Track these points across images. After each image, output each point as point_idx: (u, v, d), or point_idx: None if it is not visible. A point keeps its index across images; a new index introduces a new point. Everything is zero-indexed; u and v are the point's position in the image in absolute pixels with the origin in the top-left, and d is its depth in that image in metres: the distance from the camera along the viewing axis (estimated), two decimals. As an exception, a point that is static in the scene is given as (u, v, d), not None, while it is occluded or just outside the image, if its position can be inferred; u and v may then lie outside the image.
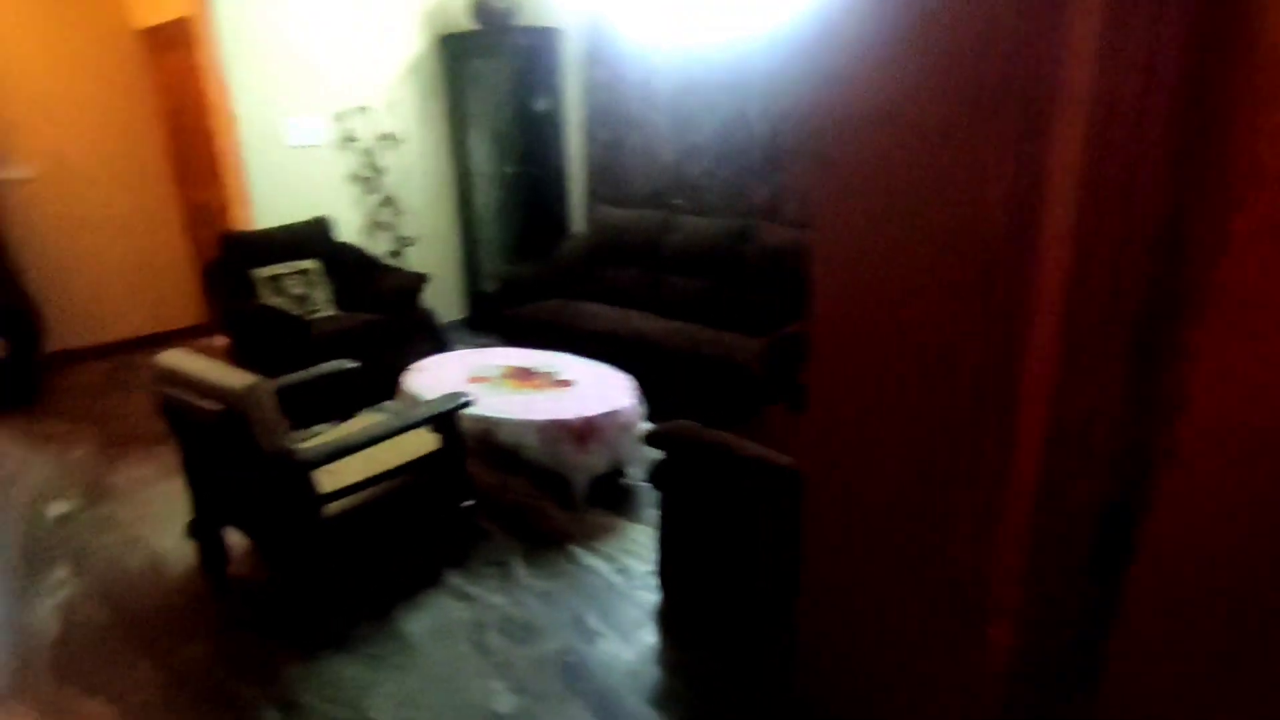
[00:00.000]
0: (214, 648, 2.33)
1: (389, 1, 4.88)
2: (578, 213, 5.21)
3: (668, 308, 4.15)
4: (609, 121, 4.75)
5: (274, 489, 2.20)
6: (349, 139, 4.84)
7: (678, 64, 4.27)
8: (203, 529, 2.62)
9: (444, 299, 5.38)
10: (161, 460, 3.55)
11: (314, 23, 4.57)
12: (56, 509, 3.19)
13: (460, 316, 5.67)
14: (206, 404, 2.10)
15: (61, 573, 2.74)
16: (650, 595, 2.48)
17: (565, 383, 3.20)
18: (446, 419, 2.52)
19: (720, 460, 2.04)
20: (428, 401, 2.63)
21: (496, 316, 4.68)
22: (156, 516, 3.08)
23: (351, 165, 4.91)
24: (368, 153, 4.95)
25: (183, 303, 5.67)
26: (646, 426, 3.15)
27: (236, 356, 4.20)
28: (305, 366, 3.73)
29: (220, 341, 5.06)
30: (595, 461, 2.95)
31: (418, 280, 4.49)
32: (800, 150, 3.83)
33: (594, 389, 3.13)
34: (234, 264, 4.21)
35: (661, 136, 4.48)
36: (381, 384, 3.86)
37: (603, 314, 4.15)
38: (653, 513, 2.93)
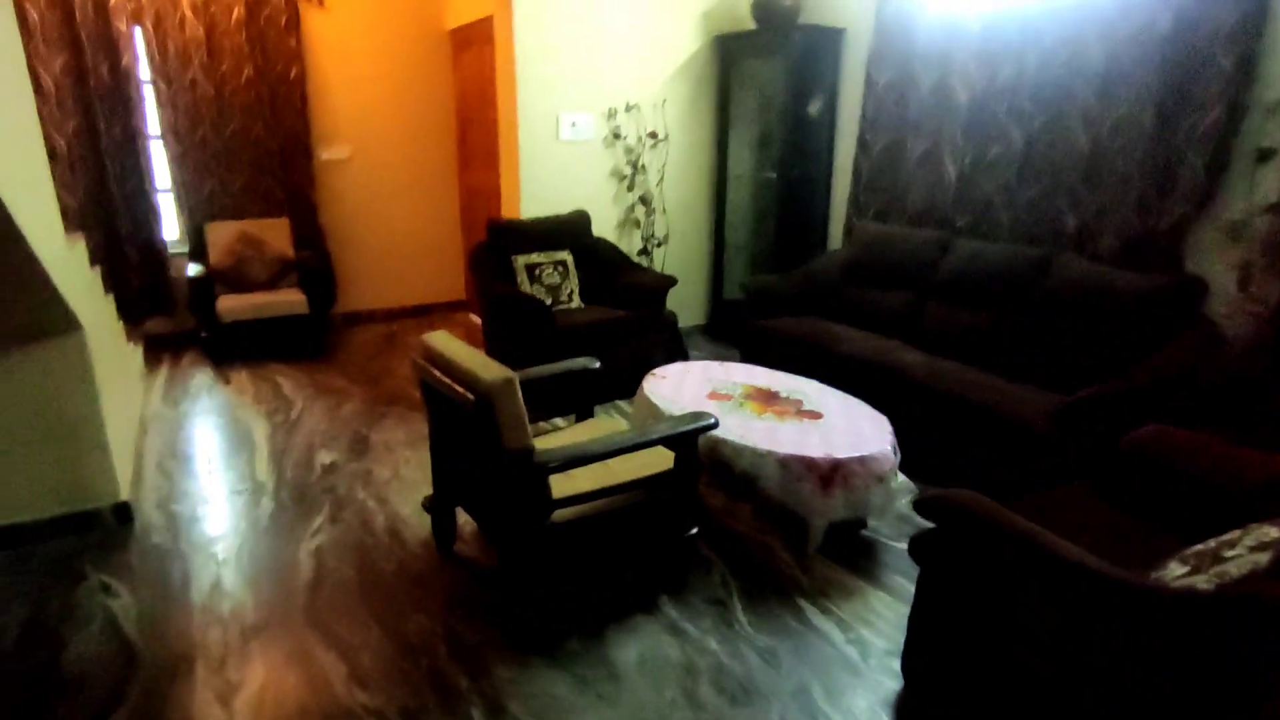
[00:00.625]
0: (439, 625, 2.36)
1: (672, 1, 4.85)
2: (838, 225, 4.85)
3: (934, 341, 3.68)
4: (887, 128, 4.34)
5: (509, 486, 2.16)
6: (615, 136, 4.89)
7: (983, 63, 3.77)
8: (438, 506, 2.68)
9: (687, 302, 5.30)
10: (415, 427, 3.78)
11: (599, 22, 4.65)
12: (325, 457, 3.49)
13: (701, 321, 5.56)
14: (461, 391, 2.09)
15: (320, 519, 2.96)
16: (889, 682, 2.13)
17: (813, 414, 2.91)
18: (685, 439, 2.34)
19: (1019, 552, 1.65)
20: (670, 419, 2.48)
21: (740, 326, 4.48)
22: (403, 481, 3.26)
23: (614, 162, 4.95)
24: (631, 150, 4.97)
25: (450, 280, 6.13)
26: (904, 481, 2.78)
27: (488, 337, 4.40)
28: (550, 354, 3.79)
29: (477, 320, 5.38)
30: (836, 507, 2.63)
31: (665, 282, 4.42)
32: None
33: (845, 426, 2.81)
34: (497, 249, 4.40)
35: (949, 146, 3.99)
36: (620, 382, 3.83)
37: (858, 339, 3.78)
38: (900, 581, 2.56)
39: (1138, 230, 3.15)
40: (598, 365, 2.89)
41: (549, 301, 4.31)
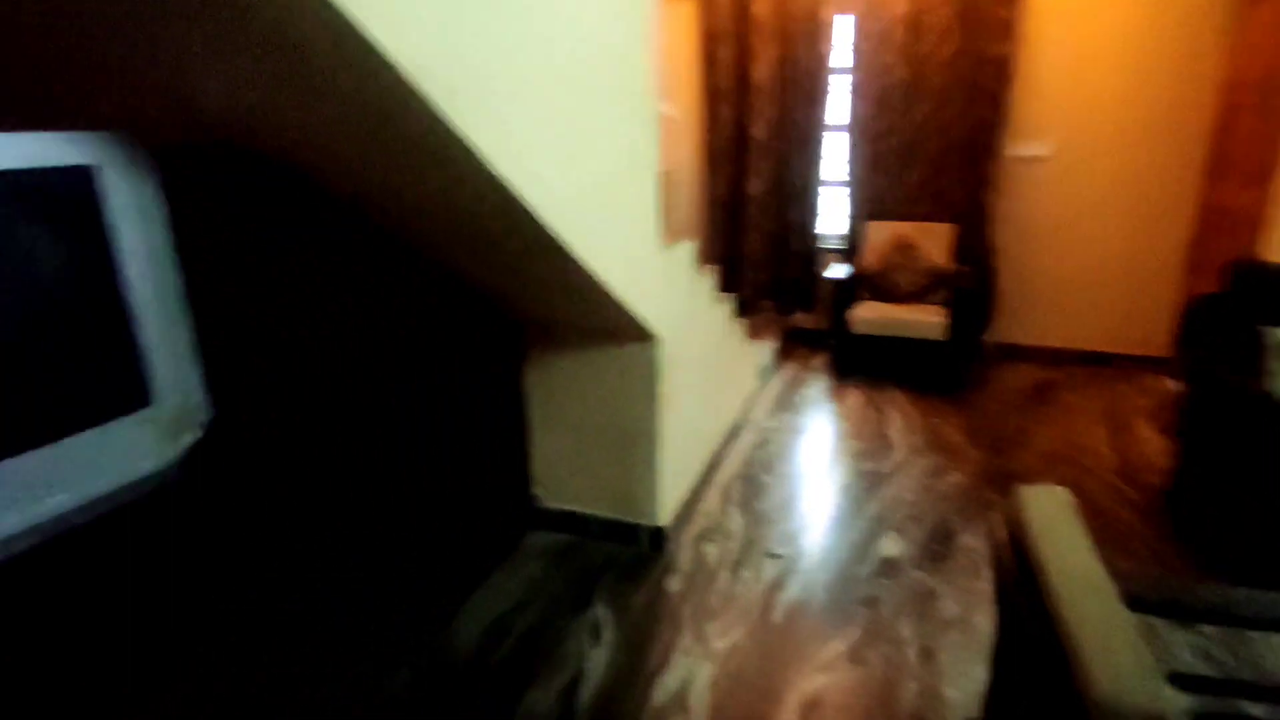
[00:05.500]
0: None
1: None
2: None
3: None
4: None
5: None
6: None
7: None
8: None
9: None
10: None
11: None
12: (888, 548, 2.72)
13: None
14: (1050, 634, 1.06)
15: (840, 645, 2.23)
16: None
17: None
18: None
19: None
20: None
21: None
22: (968, 632, 2.25)
23: None
24: None
25: (1150, 328, 4.47)
26: None
27: (1183, 441, 2.89)
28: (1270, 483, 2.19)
29: (1173, 387, 3.80)
30: None
31: None
32: None
33: None
34: (1237, 309, 2.79)
35: None
36: None
37: None
38: None
39: None
40: None
41: (1317, 413, 2.55)
